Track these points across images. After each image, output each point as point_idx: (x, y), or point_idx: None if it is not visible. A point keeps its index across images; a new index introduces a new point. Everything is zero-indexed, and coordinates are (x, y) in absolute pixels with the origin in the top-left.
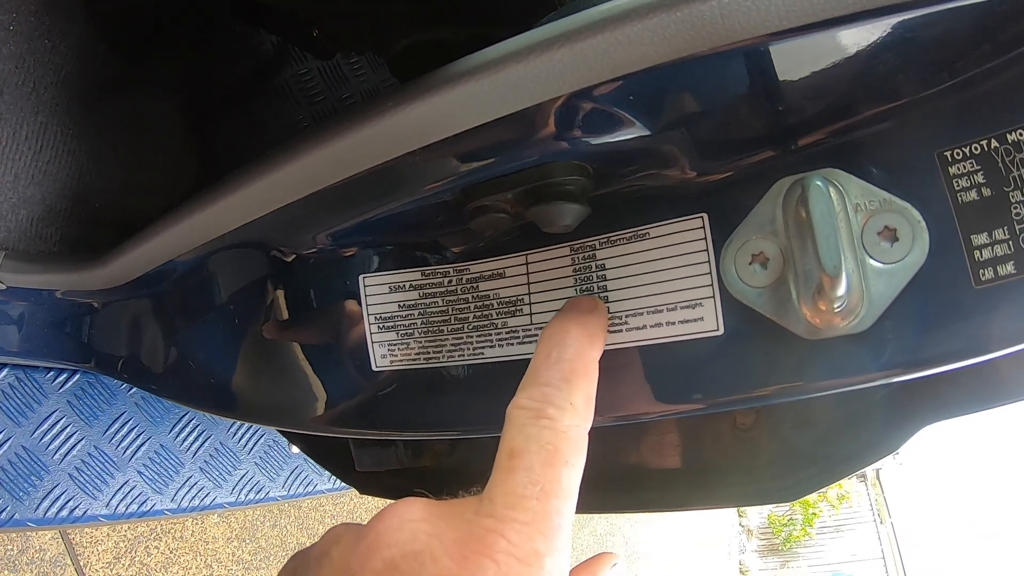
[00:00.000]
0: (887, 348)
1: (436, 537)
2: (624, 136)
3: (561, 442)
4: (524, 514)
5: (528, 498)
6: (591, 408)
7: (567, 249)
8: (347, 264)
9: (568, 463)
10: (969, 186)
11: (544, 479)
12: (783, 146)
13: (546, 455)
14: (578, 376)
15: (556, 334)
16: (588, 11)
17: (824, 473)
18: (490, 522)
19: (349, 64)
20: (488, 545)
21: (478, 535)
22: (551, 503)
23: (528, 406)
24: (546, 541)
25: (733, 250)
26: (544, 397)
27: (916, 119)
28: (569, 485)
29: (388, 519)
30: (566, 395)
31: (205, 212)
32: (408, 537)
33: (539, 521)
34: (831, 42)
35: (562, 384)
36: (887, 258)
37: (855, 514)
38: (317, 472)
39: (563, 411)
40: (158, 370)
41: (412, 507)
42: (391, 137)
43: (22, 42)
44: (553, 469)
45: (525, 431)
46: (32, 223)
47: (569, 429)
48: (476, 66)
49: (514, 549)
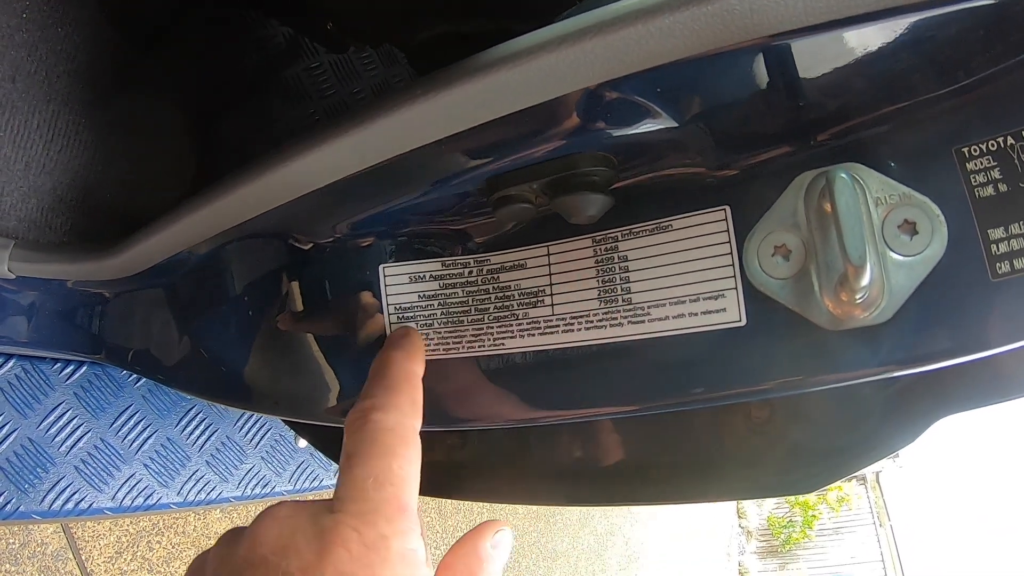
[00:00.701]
0: (906, 339)
1: (300, 532)
2: (650, 128)
3: (387, 438)
4: (365, 504)
5: (366, 490)
6: (417, 409)
7: (589, 241)
8: (365, 254)
9: (396, 454)
10: (986, 181)
11: (377, 470)
12: (804, 141)
13: (376, 451)
14: (399, 384)
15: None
16: (620, 3)
17: (837, 467)
18: (340, 515)
19: (360, 59)
20: (340, 535)
21: (330, 527)
22: (387, 490)
23: (356, 415)
24: (389, 524)
25: (756, 242)
26: (371, 405)
27: (934, 116)
28: (403, 473)
29: (264, 520)
30: (389, 400)
31: (223, 200)
32: (277, 533)
33: (380, 508)
34: (852, 40)
35: (385, 393)
36: (907, 251)
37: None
38: (324, 467)
39: (387, 412)
40: (170, 361)
41: (282, 508)
42: (419, 125)
43: (35, 30)
44: (383, 460)
45: (356, 436)
46: (42, 212)
47: (395, 426)
48: (507, 55)
49: (362, 537)
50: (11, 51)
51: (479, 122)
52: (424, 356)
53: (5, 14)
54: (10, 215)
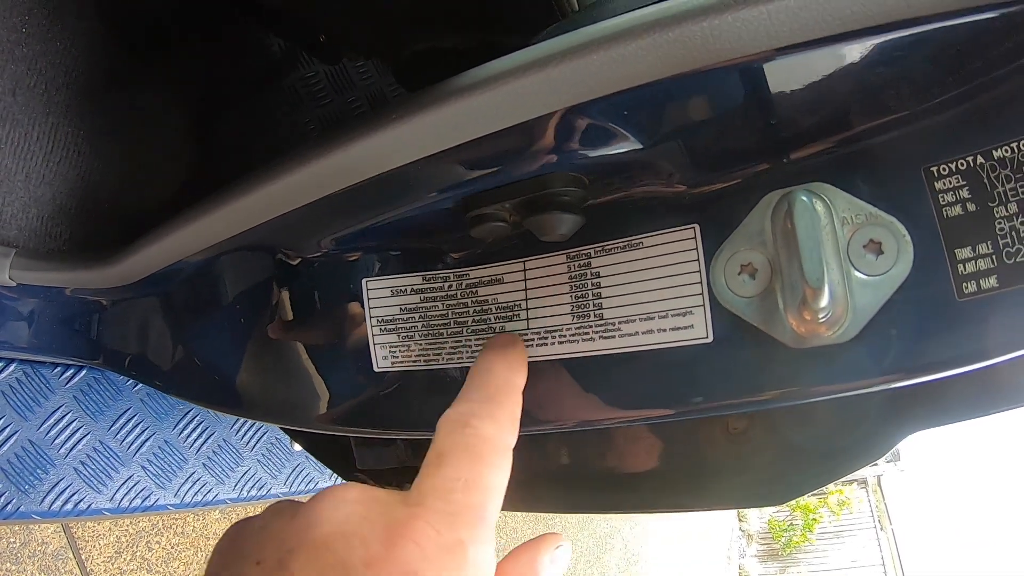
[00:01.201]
0: (871, 358)
1: (368, 520)
2: (619, 149)
3: (484, 447)
4: (450, 505)
5: (453, 491)
6: (515, 426)
7: (563, 257)
8: (351, 268)
9: (491, 464)
10: (954, 201)
11: (468, 475)
12: (774, 160)
13: (471, 456)
14: (501, 396)
15: (482, 365)
16: (585, 29)
17: (815, 476)
18: (418, 510)
19: (356, 68)
20: (415, 531)
21: (404, 521)
22: (475, 496)
23: (455, 418)
24: (470, 531)
25: (723, 260)
26: (470, 411)
27: (904, 135)
28: (492, 483)
29: (326, 499)
30: (489, 410)
31: (214, 214)
32: (342, 517)
33: (464, 512)
34: (820, 61)
35: (486, 402)
36: (872, 270)
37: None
38: (319, 470)
39: (485, 422)
40: (165, 367)
41: (350, 490)
42: (394, 147)
43: (35, 44)
44: (476, 467)
45: (452, 436)
46: (42, 222)
47: (492, 437)
48: (477, 81)
49: (440, 537)
50: (11, 65)
51: (452, 144)
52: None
53: (5, 29)
54: (11, 225)
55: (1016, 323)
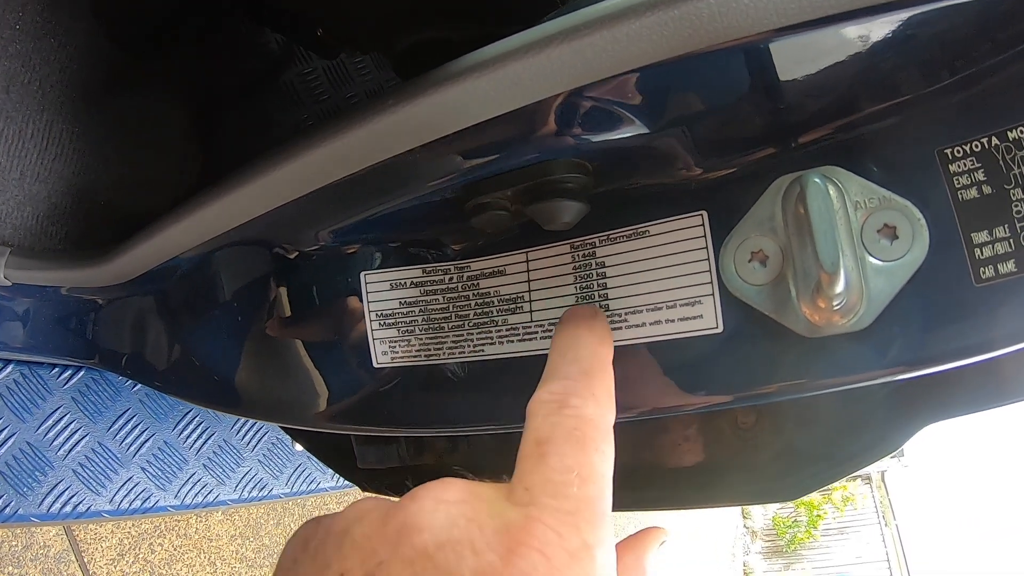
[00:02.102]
0: (887, 346)
1: (476, 524)
2: (623, 134)
3: (589, 428)
4: (567, 502)
5: (567, 484)
6: (613, 401)
7: (567, 247)
8: (349, 261)
9: (599, 449)
10: (970, 184)
11: (579, 464)
12: (783, 144)
13: (576, 440)
14: (596, 371)
15: (568, 337)
16: (586, 9)
17: (825, 472)
18: (533, 510)
19: (354, 63)
20: (535, 537)
21: (521, 525)
22: (591, 488)
23: (550, 398)
24: (594, 531)
25: (732, 248)
26: (565, 389)
27: (916, 116)
28: (604, 471)
29: (422, 499)
30: (587, 386)
31: (208, 209)
32: (444, 522)
33: (583, 510)
34: (830, 39)
35: (581, 377)
36: (887, 256)
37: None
38: (320, 470)
39: (586, 400)
40: (162, 366)
41: (450, 487)
42: (391, 135)
43: (28, 40)
44: (586, 454)
45: (550, 419)
46: (37, 220)
47: (595, 417)
48: (475, 64)
49: (564, 542)
50: (4, 62)
51: (450, 131)
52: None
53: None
54: (6, 223)
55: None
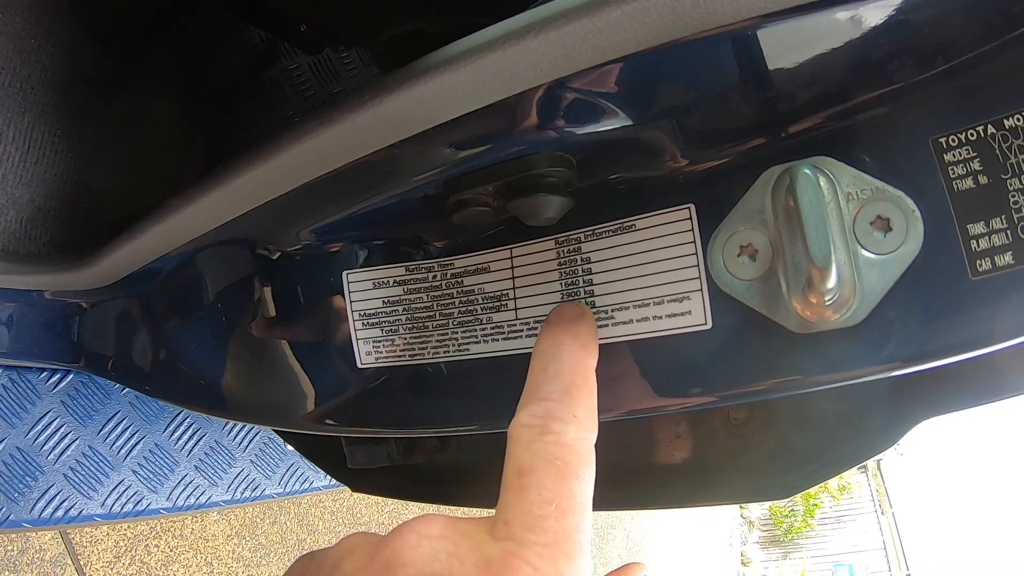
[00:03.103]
0: (881, 342)
1: (457, 559)
2: (606, 126)
3: (570, 456)
4: (544, 535)
5: (545, 517)
6: (595, 419)
7: (552, 242)
8: (332, 260)
9: (580, 477)
10: (965, 174)
11: (558, 496)
12: (773, 134)
13: (556, 471)
14: (578, 388)
15: (550, 347)
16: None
17: (820, 469)
18: (511, 545)
19: (339, 59)
20: (512, 570)
21: (500, 559)
22: (569, 520)
23: (531, 423)
24: (569, 562)
25: (721, 242)
26: (547, 412)
27: (910, 105)
28: (584, 499)
29: (406, 535)
30: (568, 408)
31: (187, 210)
32: (427, 556)
33: (560, 542)
34: (820, 26)
35: (563, 397)
36: (880, 249)
37: (856, 505)
38: (313, 469)
39: (568, 424)
40: (147, 369)
41: (432, 523)
42: (367, 131)
43: (8, 42)
44: (566, 484)
45: (531, 448)
46: (21, 224)
47: (576, 442)
48: (451, 57)
49: (539, 575)
50: None
51: (428, 126)
52: (598, 345)
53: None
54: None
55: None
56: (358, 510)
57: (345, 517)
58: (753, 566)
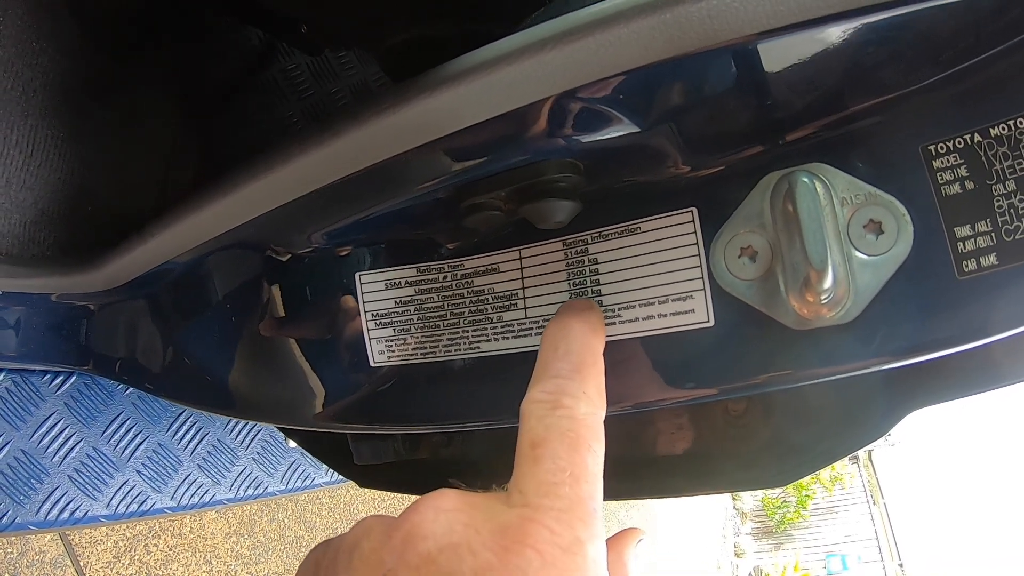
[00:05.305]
0: (874, 338)
1: (473, 528)
2: (614, 134)
3: (581, 429)
4: (559, 501)
5: (560, 484)
6: (603, 397)
7: (560, 244)
8: (343, 262)
9: (591, 449)
10: (953, 179)
11: (572, 464)
12: (771, 141)
13: (569, 442)
14: (587, 366)
15: (560, 329)
16: (578, 12)
17: (815, 458)
18: (527, 511)
19: (338, 59)
20: (529, 535)
21: (516, 525)
22: (583, 487)
23: (543, 399)
24: (586, 527)
25: (722, 243)
26: (558, 388)
27: (901, 114)
28: (596, 470)
29: (423, 510)
30: (579, 384)
31: (200, 214)
32: (444, 528)
33: (576, 507)
34: (818, 40)
35: (573, 374)
36: (872, 250)
37: (848, 495)
38: (315, 466)
39: (578, 400)
40: (156, 370)
41: (446, 497)
42: (387, 137)
43: (9, 46)
44: (579, 454)
45: (544, 421)
46: (25, 227)
47: (587, 416)
48: (469, 67)
49: (556, 538)
50: None
51: (445, 133)
52: (604, 331)
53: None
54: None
55: (1016, 300)
56: (355, 507)
57: (342, 514)
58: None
